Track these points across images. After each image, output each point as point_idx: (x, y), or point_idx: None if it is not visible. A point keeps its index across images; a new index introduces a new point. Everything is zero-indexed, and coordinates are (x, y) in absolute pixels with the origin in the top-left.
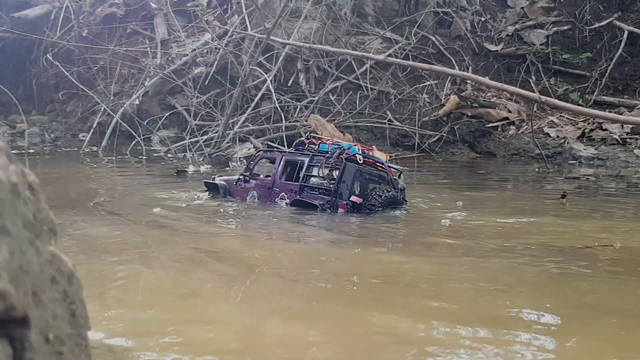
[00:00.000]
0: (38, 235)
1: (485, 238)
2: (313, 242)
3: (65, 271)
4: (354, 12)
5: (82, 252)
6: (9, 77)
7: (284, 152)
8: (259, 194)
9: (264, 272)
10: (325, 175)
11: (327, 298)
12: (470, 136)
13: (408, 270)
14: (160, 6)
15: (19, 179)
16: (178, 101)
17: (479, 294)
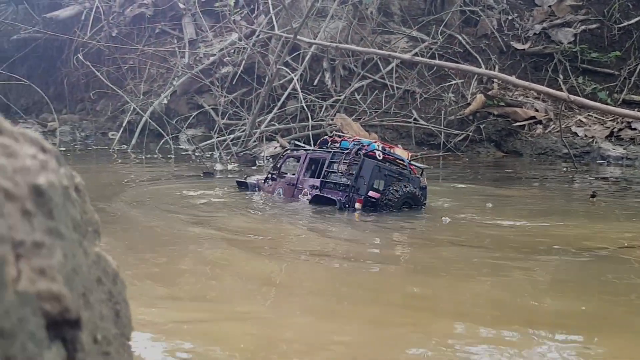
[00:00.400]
0: (84, 236)
1: (514, 238)
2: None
3: (110, 272)
4: (380, 11)
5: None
6: (40, 76)
7: (309, 150)
8: (284, 191)
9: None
10: (343, 171)
11: (362, 301)
12: (496, 135)
13: (438, 272)
14: (189, 6)
15: (69, 182)
16: (205, 100)
17: (506, 295)
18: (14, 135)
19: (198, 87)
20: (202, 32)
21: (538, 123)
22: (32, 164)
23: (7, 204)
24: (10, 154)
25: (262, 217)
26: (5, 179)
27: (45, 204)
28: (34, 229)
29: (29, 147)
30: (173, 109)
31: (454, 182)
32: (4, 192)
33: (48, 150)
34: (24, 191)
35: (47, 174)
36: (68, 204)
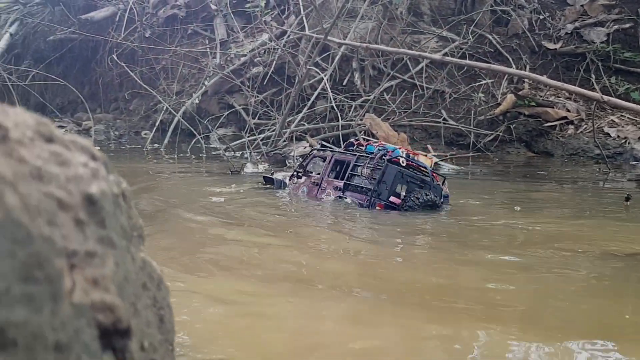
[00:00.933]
0: (131, 242)
1: (545, 241)
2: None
3: (155, 277)
4: (410, 11)
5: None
6: (76, 76)
7: (335, 151)
8: (308, 189)
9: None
10: (367, 175)
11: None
12: (527, 135)
13: (466, 275)
14: (220, 7)
15: (119, 189)
16: (236, 100)
17: (540, 302)
18: (65, 143)
19: (229, 87)
20: (233, 32)
21: (569, 123)
22: (84, 173)
23: (61, 214)
24: (63, 163)
25: (293, 214)
26: (59, 188)
27: (98, 212)
28: (87, 238)
29: (80, 155)
30: (204, 108)
31: (484, 183)
32: (57, 202)
33: (98, 158)
34: (77, 200)
35: (99, 183)
36: (118, 212)
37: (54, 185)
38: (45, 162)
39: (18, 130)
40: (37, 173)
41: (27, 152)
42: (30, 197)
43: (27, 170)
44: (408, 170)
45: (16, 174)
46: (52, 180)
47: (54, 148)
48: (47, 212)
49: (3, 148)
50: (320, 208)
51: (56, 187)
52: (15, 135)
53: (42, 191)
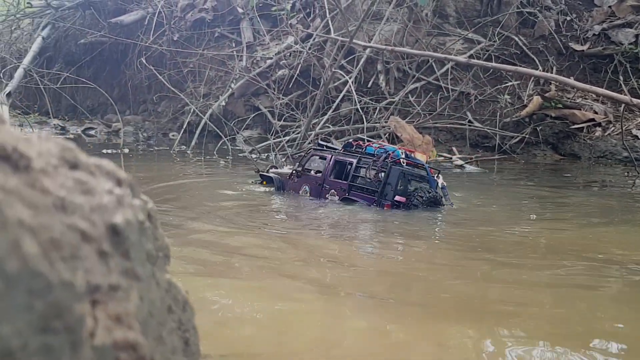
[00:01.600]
0: (156, 264)
1: (570, 247)
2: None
3: (180, 299)
4: (435, 13)
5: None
6: (105, 78)
7: (335, 151)
8: (311, 189)
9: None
10: (372, 177)
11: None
12: (553, 137)
13: (492, 284)
14: (247, 11)
15: (144, 214)
16: (262, 102)
17: (572, 310)
18: (90, 169)
19: (255, 90)
20: (259, 35)
21: (597, 125)
22: (108, 201)
23: (84, 246)
24: (87, 191)
25: (308, 218)
26: (83, 219)
27: (122, 243)
28: (111, 271)
29: (105, 182)
30: (231, 110)
31: (509, 186)
32: (81, 234)
33: (123, 181)
34: (100, 231)
35: (124, 211)
36: (143, 239)
37: (77, 216)
38: (69, 192)
39: (42, 159)
40: (61, 204)
41: (50, 182)
42: (52, 231)
43: (51, 202)
44: (408, 168)
45: (38, 208)
46: (75, 210)
47: (79, 175)
48: (70, 245)
49: (26, 179)
50: (333, 211)
51: (80, 218)
52: (39, 165)
53: (65, 223)
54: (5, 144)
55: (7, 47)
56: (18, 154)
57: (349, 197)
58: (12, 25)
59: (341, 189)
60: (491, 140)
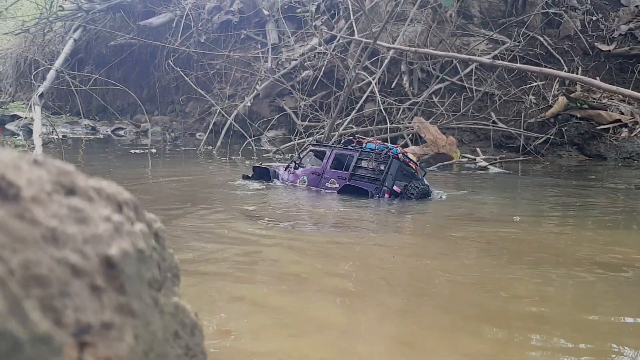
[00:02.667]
0: (161, 288)
1: (590, 252)
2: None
3: (188, 323)
4: (460, 14)
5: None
6: (135, 79)
7: (333, 147)
8: (309, 179)
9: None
10: (375, 167)
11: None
12: (579, 138)
13: (520, 295)
14: (272, 13)
15: (146, 239)
16: (286, 103)
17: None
18: (88, 193)
19: (279, 90)
20: (284, 37)
21: (623, 126)
22: (104, 231)
23: (74, 281)
24: (82, 220)
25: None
26: (74, 252)
27: (117, 277)
28: (104, 307)
29: (104, 208)
30: (256, 111)
31: (534, 187)
32: (71, 268)
33: (124, 204)
34: (93, 264)
35: (120, 241)
36: (143, 269)
37: (69, 249)
38: (61, 222)
39: (32, 187)
40: (51, 235)
41: (42, 212)
42: (39, 267)
43: (40, 234)
44: (404, 165)
45: (26, 241)
46: (67, 242)
47: (75, 202)
48: (59, 281)
49: (15, 209)
50: (344, 206)
51: (71, 251)
52: (29, 193)
53: (54, 257)
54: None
55: (39, 49)
56: (6, 182)
57: (350, 184)
58: (44, 28)
59: (341, 178)
60: (515, 140)
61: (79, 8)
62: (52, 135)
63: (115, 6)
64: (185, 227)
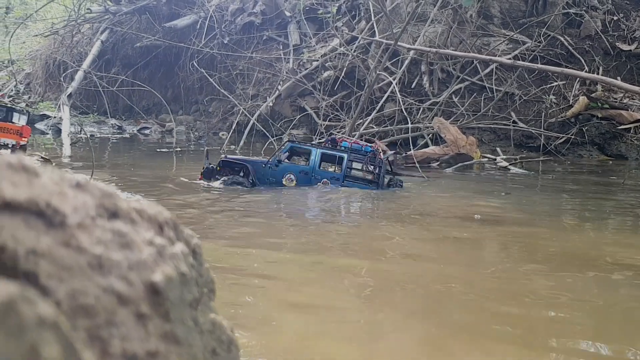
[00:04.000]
0: (198, 304)
1: (609, 254)
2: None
3: (225, 339)
4: (480, 14)
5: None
6: (160, 80)
7: (316, 145)
8: (297, 177)
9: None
10: (373, 170)
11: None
12: (599, 138)
13: (540, 301)
14: (294, 14)
15: (186, 259)
16: (308, 103)
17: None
18: (130, 216)
19: (301, 91)
20: (306, 38)
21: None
22: (148, 255)
23: (120, 310)
24: (126, 245)
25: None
26: (119, 279)
27: (162, 304)
28: (149, 335)
29: (146, 231)
30: (277, 111)
31: (554, 189)
32: (117, 297)
33: (165, 224)
34: (139, 292)
35: (164, 266)
36: (185, 292)
37: (114, 276)
38: (106, 248)
39: (78, 214)
40: (97, 262)
41: (87, 238)
42: (86, 297)
43: (86, 261)
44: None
45: (72, 270)
46: (112, 269)
47: (118, 226)
48: (106, 310)
49: (61, 236)
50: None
51: (116, 278)
52: (75, 220)
53: (100, 285)
54: (39, 199)
55: (68, 51)
56: (52, 210)
57: (343, 184)
58: (73, 30)
59: (334, 178)
60: (536, 140)
61: (106, 10)
62: (80, 134)
63: (141, 8)
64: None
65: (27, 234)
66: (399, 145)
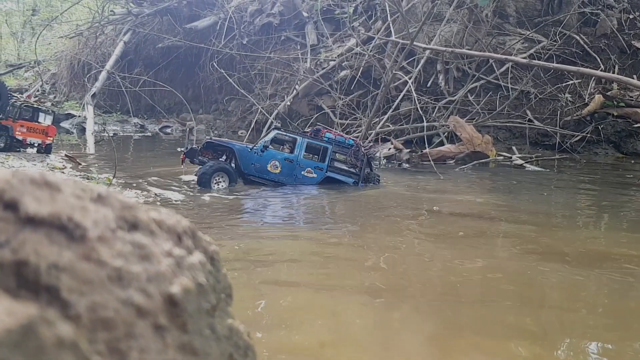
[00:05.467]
0: (215, 310)
1: (624, 253)
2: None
3: (242, 344)
4: (496, 14)
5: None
6: (181, 80)
7: (301, 134)
8: (282, 165)
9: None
10: (357, 164)
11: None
12: (615, 136)
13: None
14: (311, 15)
15: (204, 269)
16: (324, 102)
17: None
18: (150, 228)
19: (318, 90)
20: (323, 38)
21: None
22: (166, 267)
23: (139, 322)
24: (145, 257)
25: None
26: (138, 292)
27: (179, 315)
28: (167, 347)
29: (165, 241)
30: (295, 110)
31: (570, 186)
32: (136, 309)
33: (184, 233)
34: (157, 303)
35: (182, 278)
36: (202, 302)
37: (133, 289)
38: (126, 261)
39: (98, 227)
40: (117, 275)
41: (107, 251)
42: (105, 310)
43: (106, 275)
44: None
45: (93, 283)
46: (131, 282)
47: (137, 238)
48: (125, 323)
49: (82, 250)
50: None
51: (135, 290)
52: (95, 234)
53: (120, 298)
54: (61, 214)
55: (92, 52)
56: (73, 224)
57: (330, 176)
58: (97, 31)
59: (318, 168)
60: (551, 138)
61: (128, 12)
62: (104, 133)
63: (163, 10)
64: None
65: (49, 249)
66: (415, 144)
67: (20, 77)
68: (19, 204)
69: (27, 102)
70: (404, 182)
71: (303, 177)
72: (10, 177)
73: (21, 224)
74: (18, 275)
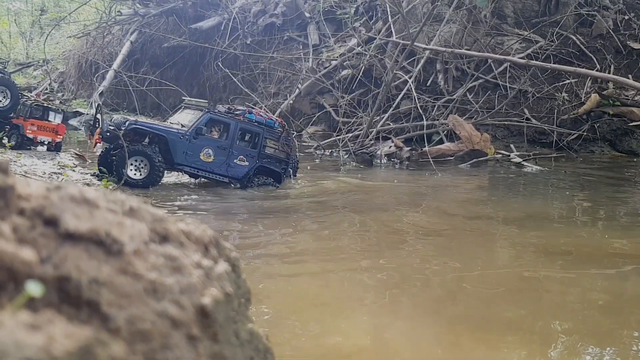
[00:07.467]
0: (237, 318)
1: (623, 252)
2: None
3: (262, 348)
4: (494, 14)
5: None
6: (186, 79)
7: (235, 118)
8: (215, 153)
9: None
10: (286, 150)
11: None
12: (611, 134)
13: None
14: (313, 15)
15: (229, 277)
16: (326, 100)
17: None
18: (179, 239)
19: (320, 89)
20: (325, 38)
21: None
22: (197, 278)
23: (174, 333)
24: (177, 269)
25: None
26: (172, 304)
27: (211, 326)
28: (199, 357)
29: (194, 253)
30: (297, 108)
31: (569, 187)
32: (171, 321)
33: (210, 244)
34: (190, 315)
35: (212, 289)
36: (229, 310)
37: (167, 301)
38: (160, 273)
39: (134, 242)
40: (152, 288)
41: (142, 264)
42: (143, 322)
43: (142, 287)
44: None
45: (130, 297)
46: (165, 294)
47: (169, 250)
48: (161, 334)
49: (119, 264)
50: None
51: (169, 302)
52: (131, 248)
53: (156, 310)
54: (99, 230)
55: (99, 51)
56: (111, 239)
57: (263, 165)
58: (104, 31)
59: (250, 156)
60: (549, 136)
61: (135, 13)
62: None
63: (169, 11)
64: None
65: (89, 264)
66: (415, 142)
67: (29, 75)
68: (60, 220)
69: (37, 101)
70: (403, 179)
71: (235, 166)
72: (50, 193)
73: (61, 240)
74: (60, 290)
